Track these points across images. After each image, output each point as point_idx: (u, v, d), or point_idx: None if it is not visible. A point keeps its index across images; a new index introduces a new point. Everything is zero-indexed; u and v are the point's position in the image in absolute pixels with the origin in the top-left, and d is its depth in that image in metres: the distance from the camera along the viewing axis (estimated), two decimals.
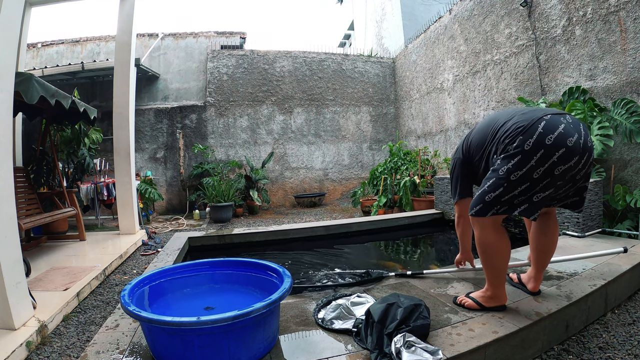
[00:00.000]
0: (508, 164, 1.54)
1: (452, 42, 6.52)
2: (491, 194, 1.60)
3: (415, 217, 4.60)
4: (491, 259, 1.68)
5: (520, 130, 1.54)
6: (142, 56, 7.08)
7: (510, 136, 1.57)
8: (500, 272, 1.70)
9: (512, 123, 1.60)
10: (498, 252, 1.67)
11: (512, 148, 1.54)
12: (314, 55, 8.44)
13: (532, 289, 1.91)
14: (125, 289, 1.54)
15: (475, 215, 1.66)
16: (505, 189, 1.56)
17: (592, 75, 3.97)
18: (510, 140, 1.56)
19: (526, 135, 1.51)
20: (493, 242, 1.67)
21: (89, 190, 5.58)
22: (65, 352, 1.87)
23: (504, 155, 1.57)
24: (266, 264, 1.84)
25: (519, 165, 1.51)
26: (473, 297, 1.78)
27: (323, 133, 8.48)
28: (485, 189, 1.62)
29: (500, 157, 1.59)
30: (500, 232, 1.68)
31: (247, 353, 1.38)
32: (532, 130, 1.51)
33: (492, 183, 1.60)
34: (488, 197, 1.61)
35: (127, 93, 4.50)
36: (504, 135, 1.60)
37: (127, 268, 3.41)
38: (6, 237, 1.91)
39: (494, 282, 1.72)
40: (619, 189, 3.41)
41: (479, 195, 1.65)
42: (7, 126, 2.02)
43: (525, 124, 1.54)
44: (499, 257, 1.68)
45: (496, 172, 1.59)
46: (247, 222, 6.15)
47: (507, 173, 1.54)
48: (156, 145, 7.62)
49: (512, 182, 1.54)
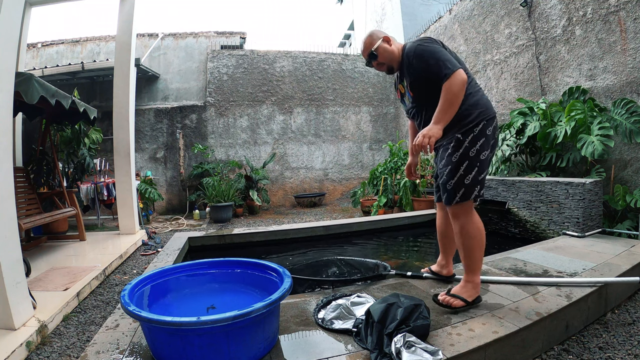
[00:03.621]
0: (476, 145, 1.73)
1: (452, 42, 6.51)
2: (469, 175, 1.73)
3: (416, 217, 4.60)
4: (480, 244, 1.78)
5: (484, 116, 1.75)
6: (142, 56, 7.08)
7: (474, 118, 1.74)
8: (482, 256, 1.81)
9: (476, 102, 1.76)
10: (484, 236, 1.80)
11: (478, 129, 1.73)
12: (314, 55, 8.44)
13: (448, 273, 2.14)
14: (125, 289, 1.54)
15: (461, 200, 1.75)
16: (479, 168, 1.74)
17: (592, 75, 3.97)
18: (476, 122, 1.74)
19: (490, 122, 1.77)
20: (482, 226, 1.80)
21: (89, 190, 5.58)
22: (65, 352, 1.87)
23: (472, 137, 1.73)
24: (266, 263, 1.84)
25: (484, 146, 1.74)
26: (457, 294, 1.76)
27: (323, 133, 8.47)
28: (462, 173, 1.73)
29: (469, 138, 1.72)
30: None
31: (247, 353, 1.38)
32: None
33: (467, 165, 1.73)
34: (467, 180, 1.74)
35: (127, 93, 4.50)
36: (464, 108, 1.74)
37: (127, 268, 3.41)
38: (6, 237, 1.91)
39: (476, 269, 1.79)
40: (619, 189, 3.41)
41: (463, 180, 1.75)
42: (7, 126, 2.02)
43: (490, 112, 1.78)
44: (483, 241, 1.80)
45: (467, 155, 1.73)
46: (247, 222, 6.14)
47: (478, 153, 1.73)
48: (156, 145, 7.62)
49: (482, 161, 1.74)
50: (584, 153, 3.45)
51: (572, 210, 3.20)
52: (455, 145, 1.74)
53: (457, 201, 1.74)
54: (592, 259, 2.45)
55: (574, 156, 3.85)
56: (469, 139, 1.72)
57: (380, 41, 1.90)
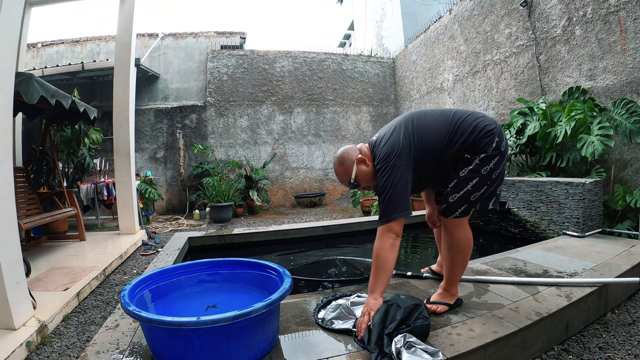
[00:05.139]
0: (489, 164, 1.64)
1: (452, 42, 6.51)
2: (477, 192, 1.67)
3: (415, 217, 4.60)
4: (466, 257, 1.77)
5: (494, 132, 1.66)
6: (142, 56, 7.08)
7: (487, 137, 1.64)
8: (464, 268, 1.81)
9: (479, 124, 1.66)
10: (471, 249, 1.78)
11: (492, 149, 1.63)
12: (314, 55, 8.44)
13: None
14: (125, 289, 1.54)
15: (461, 215, 1.70)
16: (488, 186, 1.67)
17: (592, 75, 3.97)
18: (489, 140, 1.64)
19: (501, 137, 1.67)
20: (471, 240, 1.77)
21: (89, 190, 5.58)
22: (65, 352, 1.87)
23: (484, 156, 1.63)
24: (266, 263, 1.84)
25: (498, 164, 1.65)
26: (439, 301, 1.76)
27: (323, 133, 8.47)
28: (470, 189, 1.66)
29: (480, 157, 1.64)
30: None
31: (247, 353, 1.38)
32: (502, 133, 1.69)
33: (476, 183, 1.65)
34: (473, 197, 1.67)
35: (127, 93, 4.50)
36: (475, 136, 1.65)
37: (127, 268, 3.41)
38: (6, 237, 1.91)
39: (456, 280, 1.80)
40: (619, 189, 3.41)
41: (462, 196, 1.67)
42: (7, 126, 2.02)
43: (495, 126, 1.68)
44: (469, 255, 1.79)
45: (478, 172, 1.64)
46: (247, 222, 6.14)
47: (490, 172, 1.64)
48: (156, 145, 7.62)
49: (493, 179, 1.66)
50: (584, 153, 3.45)
51: (572, 210, 3.20)
52: (465, 162, 1.67)
53: (455, 216, 1.70)
54: (592, 259, 2.45)
55: (574, 156, 3.85)
56: (479, 158, 1.64)
57: (355, 167, 1.72)
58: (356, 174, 1.73)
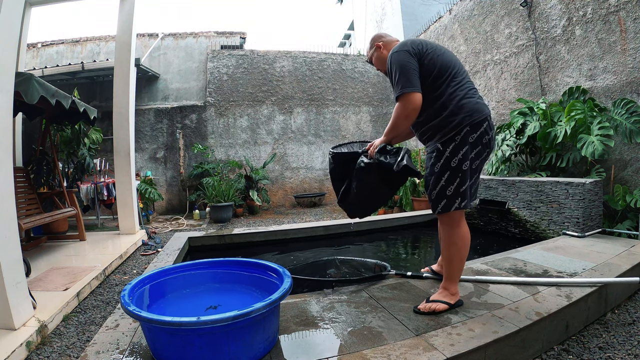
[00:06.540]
0: (457, 154, 1.68)
1: (452, 42, 6.51)
2: (451, 186, 1.71)
3: (415, 217, 4.60)
4: (461, 250, 1.78)
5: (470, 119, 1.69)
6: (142, 56, 7.07)
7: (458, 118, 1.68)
8: (462, 266, 1.82)
9: (463, 104, 1.69)
10: (466, 243, 1.80)
11: (460, 138, 1.69)
12: (314, 55, 8.44)
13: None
14: (125, 289, 1.54)
15: (443, 211, 1.76)
16: (461, 179, 1.70)
17: (592, 75, 3.97)
18: (458, 124, 1.68)
19: (474, 128, 1.70)
20: (465, 234, 1.80)
21: (89, 190, 5.58)
22: (65, 352, 1.87)
23: (453, 145, 1.68)
24: (266, 263, 1.84)
25: (466, 155, 1.69)
26: (439, 299, 1.77)
27: (323, 133, 8.47)
28: (444, 184, 1.73)
29: (450, 149, 1.69)
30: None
31: (247, 353, 1.38)
32: (480, 125, 1.70)
33: (448, 176, 1.71)
34: (449, 191, 1.73)
35: (127, 93, 4.50)
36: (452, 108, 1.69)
37: (127, 268, 3.41)
38: (6, 237, 1.91)
39: (454, 277, 1.80)
40: (618, 189, 3.41)
41: (438, 192, 1.74)
42: (7, 126, 2.02)
43: (478, 116, 1.69)
44: (465, 251, 1.80)
45: (448, 165, 1.71)
46: (247, 222, 6.14)
47: (459, 163, 1.69)
48: (156, 145, 7.62)
49: (464, 171, 1.69)
50: (584, 153, 3.45)
51: (572, 210, 3.20)
52: (437, 155, 1.73)
53: (439, 211, 1.75)
54: (592, 259, 2.45)
55: (574, 156, 3.85)
56: (449, 149, 1.69)
57: (373, 51, 1.98)
58: (371, 57, 2.02)
